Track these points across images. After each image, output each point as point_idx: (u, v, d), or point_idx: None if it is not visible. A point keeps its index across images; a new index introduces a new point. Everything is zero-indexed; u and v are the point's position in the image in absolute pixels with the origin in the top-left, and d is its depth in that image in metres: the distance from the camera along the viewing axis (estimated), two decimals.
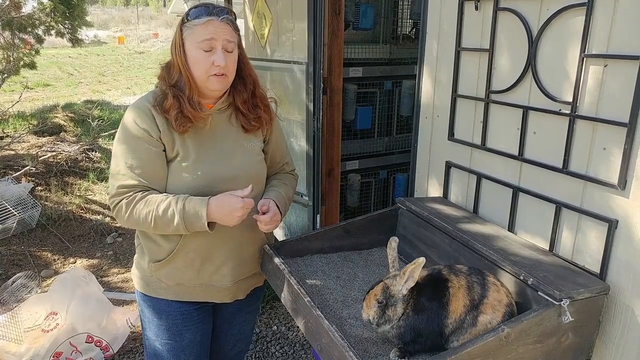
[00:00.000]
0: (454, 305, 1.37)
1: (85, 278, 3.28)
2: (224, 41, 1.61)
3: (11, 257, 4.26)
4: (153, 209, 1.59)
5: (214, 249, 1.74)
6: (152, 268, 1.76)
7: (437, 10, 1.96)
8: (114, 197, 1.65)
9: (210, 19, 1.59)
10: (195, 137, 1.68)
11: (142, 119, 1.64)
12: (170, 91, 1.64)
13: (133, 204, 1.61)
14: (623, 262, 1.39)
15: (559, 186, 1.56)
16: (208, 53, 1.60)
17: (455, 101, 1.92)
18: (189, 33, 1.61)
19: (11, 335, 2.90)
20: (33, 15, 6.37)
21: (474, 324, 1.35)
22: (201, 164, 1.67)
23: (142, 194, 1.63)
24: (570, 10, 1.45)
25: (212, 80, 1.63)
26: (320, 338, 1.40)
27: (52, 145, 6.42)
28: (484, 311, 1.35)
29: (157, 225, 1.61)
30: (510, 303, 1.36)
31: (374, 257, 1.94)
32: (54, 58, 18.72)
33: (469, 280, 1.40)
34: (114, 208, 1.66)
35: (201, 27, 1.59)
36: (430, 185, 2.13)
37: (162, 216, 1.59)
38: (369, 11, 3.49)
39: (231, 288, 1.83)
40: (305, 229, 3.19)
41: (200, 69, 1.62)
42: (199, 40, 1.59)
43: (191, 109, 1.62)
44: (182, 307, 1.81)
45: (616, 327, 1.43)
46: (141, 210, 1.60)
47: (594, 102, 1.43)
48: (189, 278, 1.76)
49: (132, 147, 1.63)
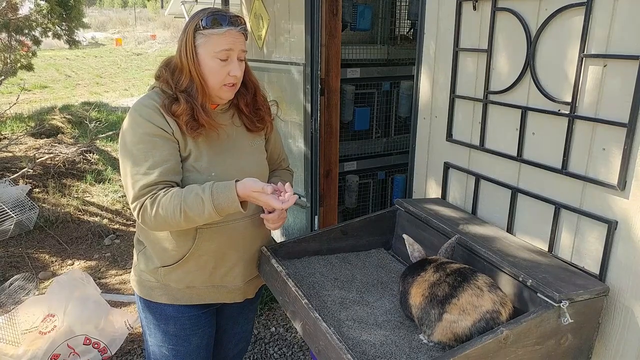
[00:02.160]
0: (414, 291, 1.48)
1: (82, 280, 3.26)
2: (239, 51, 1.61)
3: (9, 259, 4.24)
4: (181, 201, 1.52)
5: (227, 250, 1.73)
6: (162, 273, 1.73)
7: (435, 11, 1.95)
8: (137, 199, 1.56)
9: (229, 30, 1.57)
10: (206, 138, 1.66)
11: (153, 116, 1.59)
12: (182, 97, 1.60)
13: (157, 200, 1.54)
14: (623, 263, 1.39)
15: (558, 187, 1.55)
16: (224, 63, 1.59)
17: (453, 102, 1.92)
18: (204, 41, 1.58)
19: (8, 338, 2.88)
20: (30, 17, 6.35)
21: (440, 319, 1.38)
22: (214, 165, 1.66)
23: (165, 190, 1.56)
24: (569, 9, 1.44)
25: (225, 89, 1.63)
26: (318, 340, 1.39)
27: (50, 147, 6.40)
28: (449, 311, 1.36)
29: (187, 217, 1.53)
30: (493, 310, 1.33)
31: (372, 259, 1.93)
32: (52, 60, 18.71)
33: (440, 278, 1.43)
34: (139, 211, 1.56)
35: (219, 37, 1.57)
36: (429, 187, 2.12)
37: (191, 206, 1.52)
38: (366, 12, 3.49)
39: (242, 287, 1.82)
40: (303, 230, 3.18)
41: (215, 78, 1.60)
42: (217, 50, 1.57)
43: (206, 117, 1.61)
44: (190, 312, 1.79)
45: (616, 328, 1.42)
46: (167, 205, 1.53)
47: (593, 102, 1.42)
48: (202, 281, 1.75)
49: (150, 144, 1.57)
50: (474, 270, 1.44)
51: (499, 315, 1.32)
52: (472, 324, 1.33)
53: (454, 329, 1.35)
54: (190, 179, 1.64)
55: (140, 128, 1.58)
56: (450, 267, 1.46)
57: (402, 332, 1.50)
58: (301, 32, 2.84)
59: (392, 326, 1.53)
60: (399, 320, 1.56)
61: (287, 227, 3.39)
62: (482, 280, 1.40)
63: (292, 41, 3.03)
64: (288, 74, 3.07)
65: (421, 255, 1.59)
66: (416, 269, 1.53)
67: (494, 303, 1.34)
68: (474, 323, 1.32)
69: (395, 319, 1.56)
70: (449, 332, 1.36)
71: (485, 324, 1.31)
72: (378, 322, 1.54)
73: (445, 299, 1.38)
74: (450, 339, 1.36)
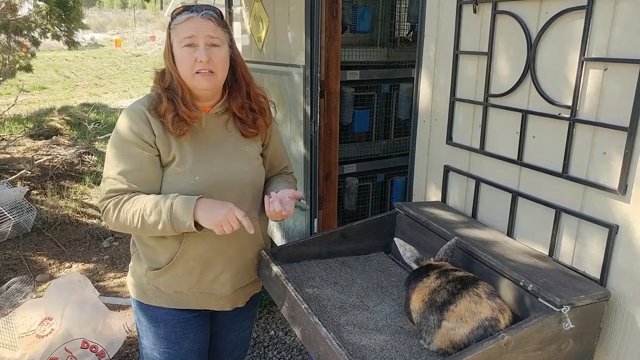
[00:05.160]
0: (416, 295, 1.47)
1: (80, 283, 3.25)
2: (206, 37, 1.60)
3: (6, 261, 4.23)
4: (140, 208, 1.56)
5: (214, 257, 1.72)
6: (150, 276, 1.73)
7: (435, 13, 1.94)
8: (103, 200, 1.63)
9: (190, 16, 1.60)
10: (192, 142, 1.66)
11: (136, 122, 1.62)
12: (165, 94, 1.63)
13: (120, 204, 1.59)
14: (623, 267, 1.38)
15: (558, 191, 1.55)
16: (190, 49, 1.59)
17: (453, 105, 1.91)
18: (174, 34, 1.62)
19: (5, 341, 2.87)
20: (29, 17, 6.34)
21: (439, 326, 1.37)
22: (198, 169, 1.65)
23: (130, 195, 1.60)
24: (570, 13, 1.44)
25: (198, 78, 1.61)
26: (318, 346, 1.38)
27: (48, 148, 6.39)
28: (447, 318, 1.35)
29: (144, 226, 1.57)
30: (491, 318, 1.31)
31: (372, 263, 1.92)
32: (51, 61, 18.70)
33: (441, 284, 1.42)
34: (103, 211, 1.64)
35: (182, 25, 1.60)
36: (429, 190, 2.11)
37: (149, 215, 1.55)
38: (366, 14, 3.48)
39: (231, 296, 1.81)
40: (302, 233, 3.17)
41: (184, 66, 1.61)
42: (181, 38, 1.59)
43: (185, 109, 1.61)
44: (181, 315, 1.78)
45: (617, 333, 1.42)
46: (128, 210, 1.58)
47: (593, 106, 1.41)
48: (189, 286, 1.74)
49: (124, 151, 1.61)
50: (475, 279, 1.43)
51: (497, 323, 1.30)
52: (470, 331, 1.31)
53: (451, 336, 1.33)
54: (174, 183, 1.64)
55: (119, 133, 1.64)
56: (450, 273, 1.45)
57: (403, 337, 1.49)
58: (301, 34, 2.84)
59: (392, 331, 1.52)
60: (399, 325, 1.55)
61: (287, 229, 3.38)
62: (482, 287, 1.38)
63: (291, 43, 3.03)
64: (288, 76, 3.06)
65: (414, 255, 1.60)
66: (420, 275, 1.52)
67: (492, 310, 1.32)
68: (472, 331, 1.31)
69: (396, 324, 1.56)
70: (447, 339, 1.34)
71: (484, 332, 1.30)
72: (378, 327, 1.53)
73: (444, 305, 1.37)
74: (449, 347, 1.34)
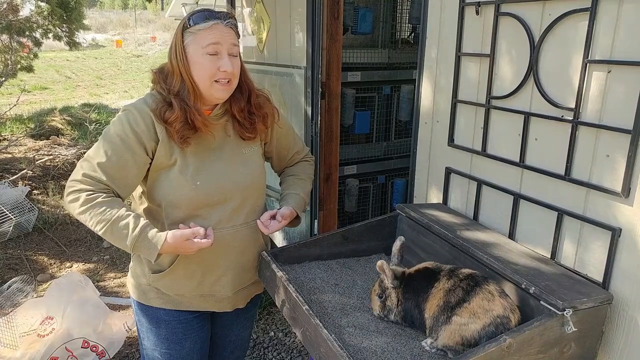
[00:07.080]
0: (430, 303, 1.45)
1: (81, 282, 3.26)
2: (229, 45, 1.57)
3: (7, 261, 4.23)
4: (109, 221, 1.53)
5: (215, 260, 1.72)
6: (152, 279, 1.73)
7: (437, 15, 1.94)
8: (76, 182, 1.57)
9: (215, 23, 1.56)
10: (194, 146, 1.64)
11: (139, 123, 1.58)
12: (176, 102, 1.58)
13: (92, 204, 1.54)
14: (626, 271, 1.37)
15: (561, 193, 1.54)
16: (214, 58, 1.56)
17: (455, 106, 1.91)
18: (192, 39, 1.57)
19: (6, 341, 2.87)
20: (31, 18, 6.35)
21: (447, 322, 1.37)
22: (200, 175, 1.64)
23: (104, 197, 1.56)
24: (573, 15, 1.43)
25: (217, 87, 1.59)
26: (319, 347, 1.37)
27: (49, 148, 6.39)
28: (459, 314, 1.36)
29: (105, 235, 1.56)
30: (503, 316, 1.32)
31: (373, 264, 1.91)
32: (52, 61, 18.71)
33: (455, 284, 1.42)
34: (71, 193, 1.57)
35: (206, 31, 1.55)
36: (430, 192, 2.11)
37: (114, 232, 1.54)
38: (367, 15, 3.48)
39: (231, 297, 1.80)
40: (303, 234, 3.17)
41: (205, 74, 1.57)
42: (204, 44, 1.55)
43: (200, 118, 1.59)
44: (182, 316, 1.78)
45: (619, 337, 1.41)
46: (96, 215, 1.53)
47: (597, 108, 1.41)
48: (190, 289, 1.74)
49: (114, 145, 1.57)
50: (484, 276, 1.44)
51: (508, 322, 1.32)
52: (482, 327, 1.32)
53: (462, 331, 1.34)
54: (176, 187, 1.62)
55: (118, 127, 1.59)
56: (460, 273, 1.45)
57: (404, 339, 1.48)
58: (302, 36, 2.84)
59: (393, 333, 1.52)
60: (400, 327, 1.55)
61: (287, 230, 3.37)
62: (492, 285, 1.39)
63: (293, 44, 3.02)
64: (289, 77, 3.06)
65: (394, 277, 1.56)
66: (427, 280, 1.50)
67: (504, 309, 1.34)
68: (484, 327, 1.31)
69: (397, 326, 1.55)
70: (457, 335, 1.34)
71: (495, 329, 1.30)
72: (379, 329, 1.53)
73: (458, 303, 1.37)
74: (458, 343, 1.34)
